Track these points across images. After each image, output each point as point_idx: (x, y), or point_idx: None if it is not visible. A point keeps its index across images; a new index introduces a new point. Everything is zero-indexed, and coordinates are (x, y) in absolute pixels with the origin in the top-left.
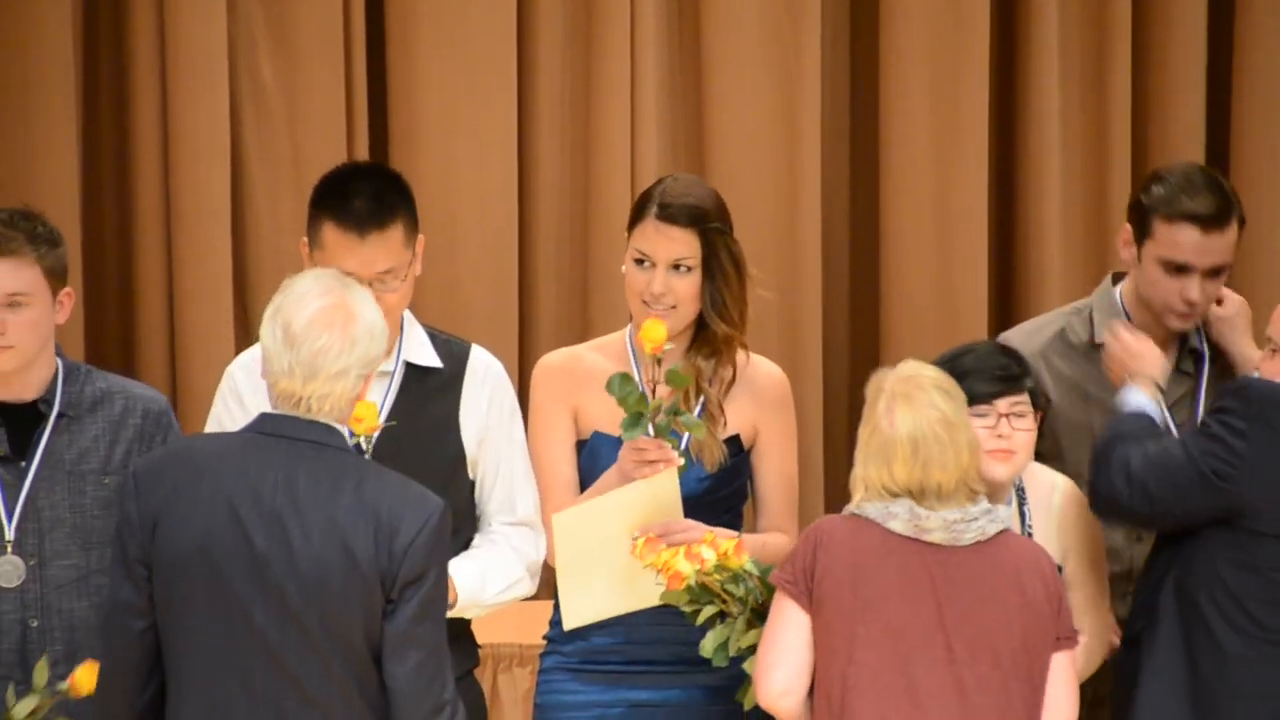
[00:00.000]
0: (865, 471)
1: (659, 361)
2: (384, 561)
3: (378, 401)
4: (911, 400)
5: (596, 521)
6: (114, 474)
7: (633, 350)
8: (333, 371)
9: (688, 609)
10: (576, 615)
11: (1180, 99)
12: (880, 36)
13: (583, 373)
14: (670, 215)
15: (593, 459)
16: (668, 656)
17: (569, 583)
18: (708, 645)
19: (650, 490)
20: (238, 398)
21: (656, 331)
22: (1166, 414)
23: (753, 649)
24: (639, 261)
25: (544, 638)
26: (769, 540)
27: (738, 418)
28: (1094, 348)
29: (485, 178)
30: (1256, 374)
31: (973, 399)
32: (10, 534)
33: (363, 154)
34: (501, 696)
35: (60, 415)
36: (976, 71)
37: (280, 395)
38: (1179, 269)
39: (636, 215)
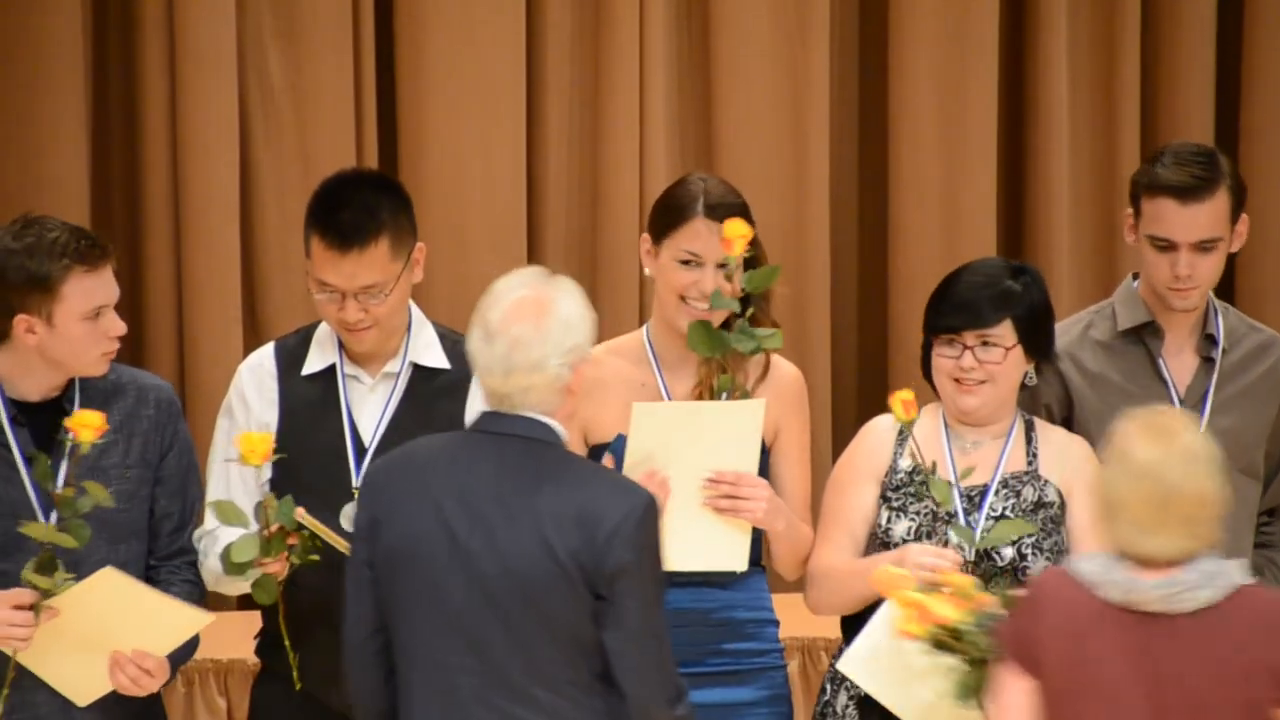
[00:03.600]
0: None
1: (730, 269)
2: (587, 555)
3: (381, 402)
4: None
5: (673, 424)
6: (134, 466)
7: (651, 350)
8: (529, 363)
9: (928, 659)
10: None
11: (1189, 95)
12: (889, 34)
13: (598, 377)
14: (722, 215)
15: (616, 463)
16: (699, 659)
17: None
18: (956, 692)
19: (734, 414)
20: (241, 397)
21: (740, 228)
22: None
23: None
24: (686, 262)
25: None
26: (800, 528)
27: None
28: (1119, 336)
29: (493, 176)
30: None
31: (938, 329)
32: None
33: (371, 152)
34: None
35: (80, 410)
36: (985, 68)
37: (487, 394)
38: (1165, 244)
39: (677, 216)
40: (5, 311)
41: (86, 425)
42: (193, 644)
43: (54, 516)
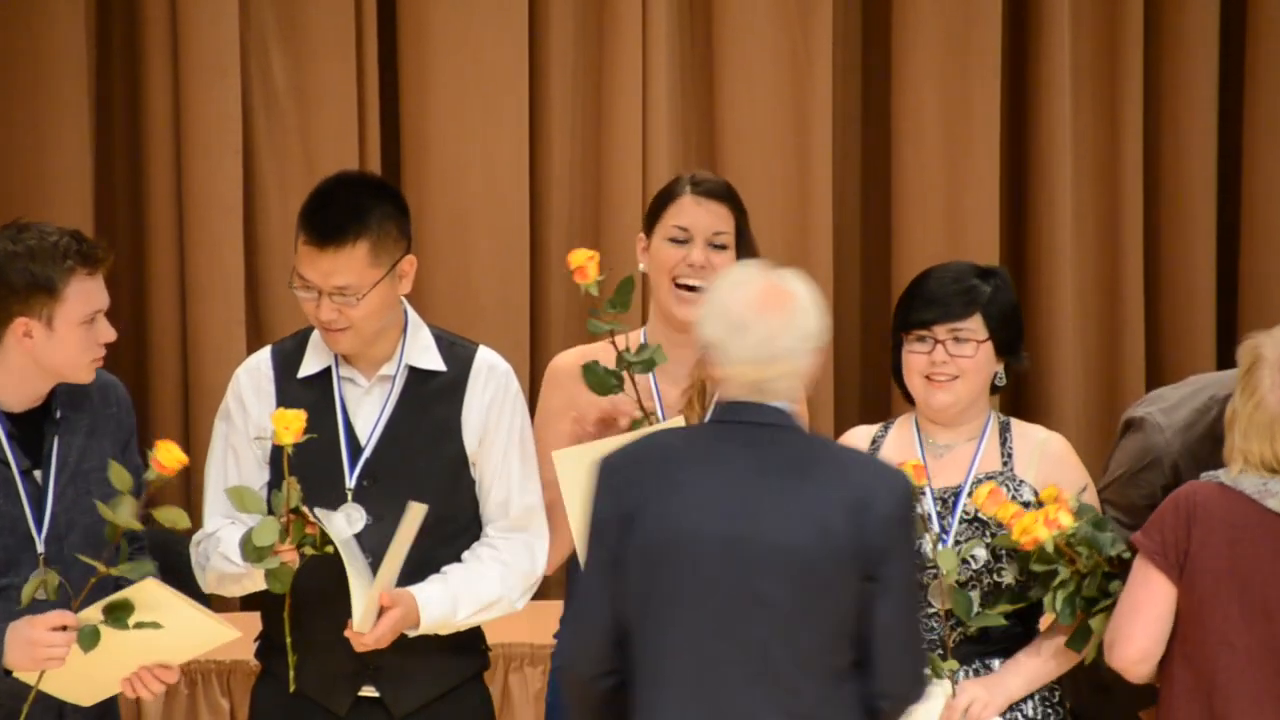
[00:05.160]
0: (1246, 445)
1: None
2: (860, 537)
3: (377, 405)
4: None
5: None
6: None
7: None
8: (786, 352)
9: (1038, 567)
10: None
11: (1192, 96)
12: (892, 35)
13: None
14: (708, 190)
15: None
16: None
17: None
18: (1057, 602)
19: None
20: (239, 400)
21: (583, 255)
22: None
23: (1092, 602)
24: (676, 240)
25: (554, 636)
26: None
27: None
28: None
29: (496, 175)
30: None
31: (910, 325)
32: (40, 546)
33: (374, 152)
34: (513, 696)
35: (61, 418)
36: (988, 70)
37: (739, 384)
38: None
39: (666, 199)
40: (3, 317)
41: (175, 458)
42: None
43: (45, 532)
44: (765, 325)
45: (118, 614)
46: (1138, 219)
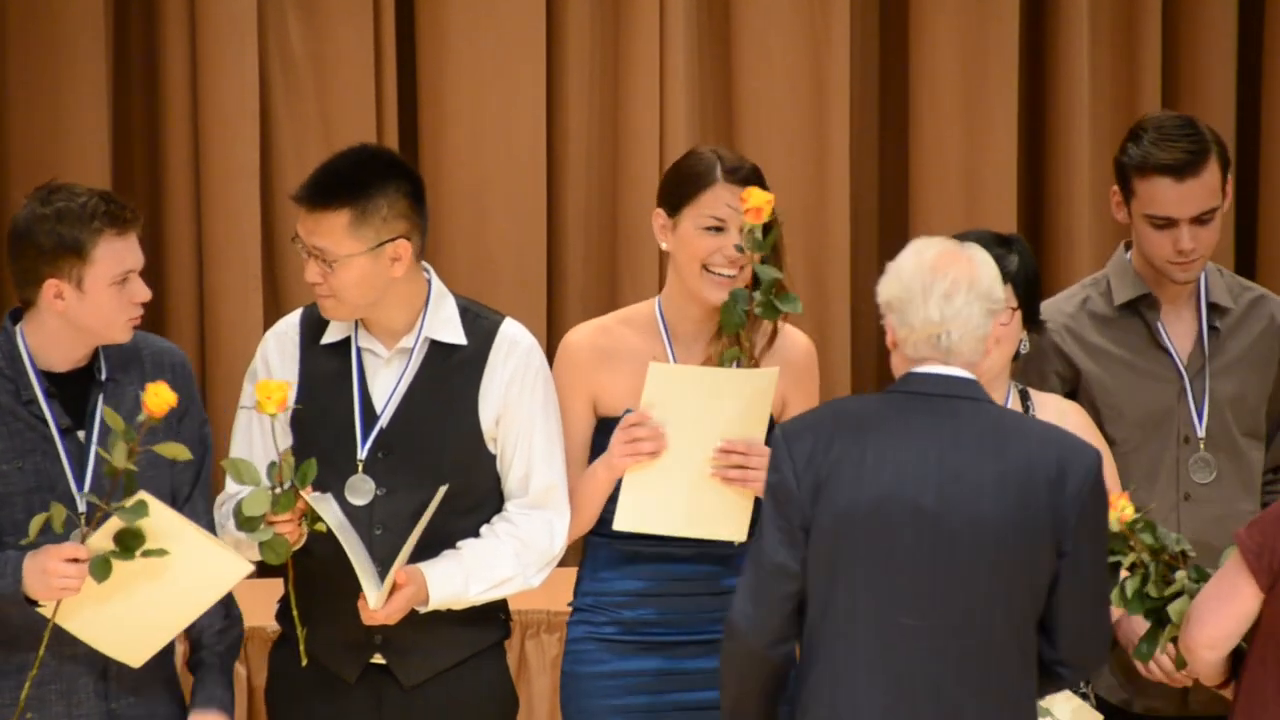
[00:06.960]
0: None
1: (758, 237)
2: (1057, 510)
3: (394, 376)
4: None
5: (688, 385)
6: (155, 432)
7: (663, 322)
8: (963, 307)
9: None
10: (631, 515)
11: (1210, 63)
12: (909, 5)
13: (609, 348)
14: (744, 178)
15: None
16: (699, 626)
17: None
18: (1128, 593)
19: (747, 381)
20: (266, 363)
21: (763, 195)
22: None
23: (1165, 600)
24: (710, 229)
25: (570, 605)
26: None
27: None
28: (1116, 310)
29: (514, 146)
30: None
31: None
32: (82, 505)
33: (391, 120)
34: (530, 663)
35: (107, 380)
36: (1006, 40)
37: (918, 342)
38: (1164, 223)
39: (696, 183)
40: (34, 278)
41: (164, 400)
42: (237, 634)
43: (87, 487)
44: (946, 283)
45: (128, 541)
46: None
